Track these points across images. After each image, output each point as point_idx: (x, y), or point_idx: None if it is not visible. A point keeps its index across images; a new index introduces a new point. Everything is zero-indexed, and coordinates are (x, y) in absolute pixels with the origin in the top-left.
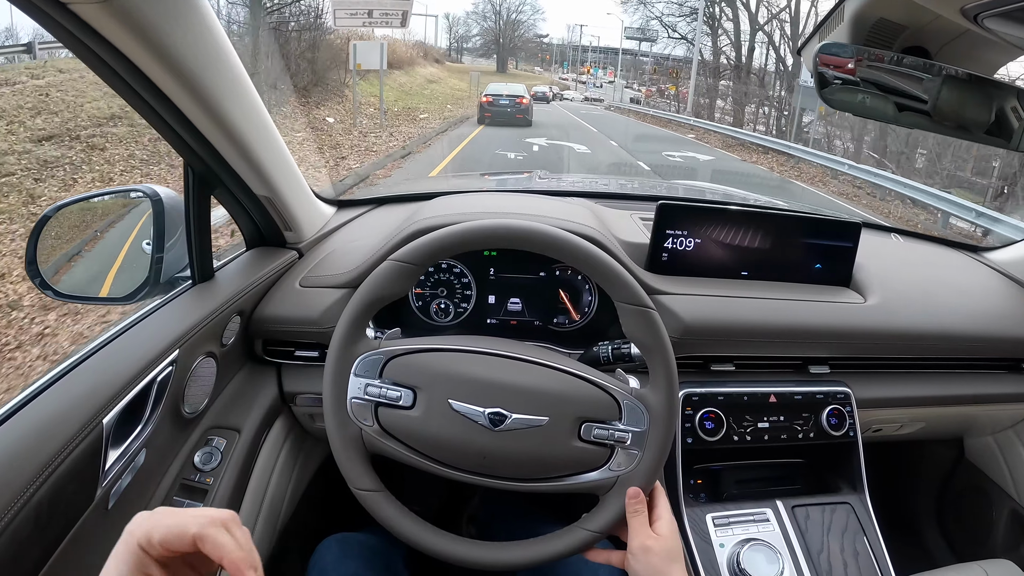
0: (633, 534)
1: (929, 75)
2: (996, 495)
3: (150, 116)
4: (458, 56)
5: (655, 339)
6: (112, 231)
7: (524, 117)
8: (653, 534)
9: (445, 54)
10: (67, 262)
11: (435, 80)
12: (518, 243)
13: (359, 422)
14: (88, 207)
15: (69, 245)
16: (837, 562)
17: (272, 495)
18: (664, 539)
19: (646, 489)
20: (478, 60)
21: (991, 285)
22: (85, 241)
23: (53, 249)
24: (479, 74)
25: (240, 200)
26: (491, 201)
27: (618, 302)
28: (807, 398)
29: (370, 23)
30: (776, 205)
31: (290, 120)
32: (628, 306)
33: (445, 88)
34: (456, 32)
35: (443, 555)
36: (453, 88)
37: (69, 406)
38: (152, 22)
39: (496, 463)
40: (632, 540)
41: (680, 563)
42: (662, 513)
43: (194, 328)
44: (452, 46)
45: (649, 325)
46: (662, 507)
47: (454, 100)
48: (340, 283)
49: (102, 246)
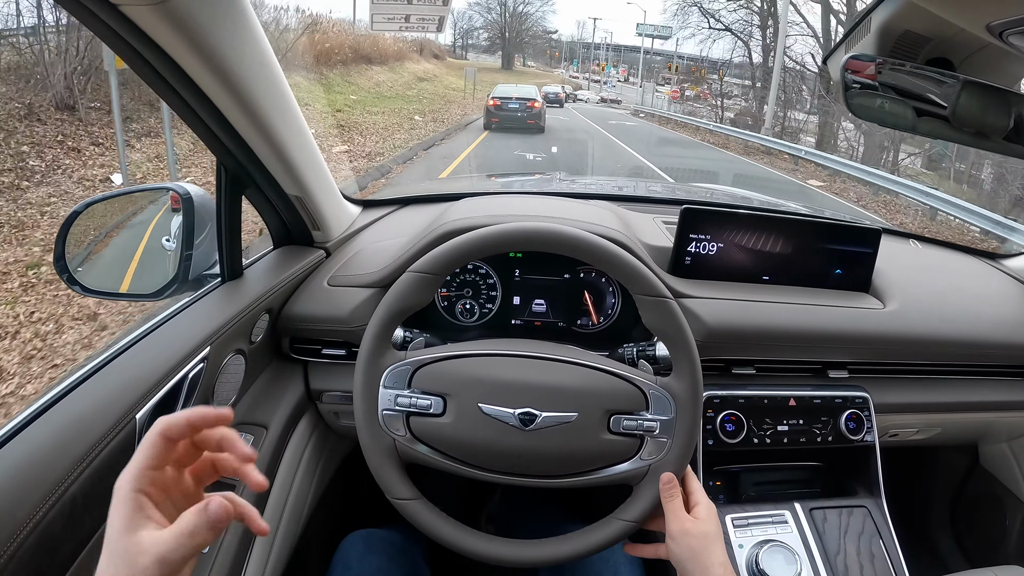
0: (671, 518)
1: (948, 81)
2: (1010, 502)
3: (188, 116)
4: (463, 53)
5: (675, 328)
6: (131, 227)
7: (536, 123)
8: (690, 517)
9: (449, 50)
10: (93, 258)
11: (428, 78)
12: (535, 244)
13: (391, 433)
14: (116, 204)
15: (95, 242)
16: (853, 564)
17: (297, 490)
18: (702, 522)
19: (679, 474)
20: (482, 57)
21: (1009, 292)
22: (105, 236)
23: (82, 245)
24: (475, 70)
25: (271, 199)
26: (517, 203)
27: (636, 295)
28: (826, 402)
29: (406, 28)
30: (797, 210)
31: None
32: (646, 298)
33: (438, 87)
34: (460, 27)
35: (486, 556)
36: (448, 87)
37: (103, 402)
38: (201, 25)
39: (530, 462)
40: (670, 524)
41: (719, 544)
42: (699, 498)
43: (225, 326)
44: (456, 42)
45: (668, 315)
46: (698, 492)
47: (446, 102)
48: (368, 283)
49: (122, 242)
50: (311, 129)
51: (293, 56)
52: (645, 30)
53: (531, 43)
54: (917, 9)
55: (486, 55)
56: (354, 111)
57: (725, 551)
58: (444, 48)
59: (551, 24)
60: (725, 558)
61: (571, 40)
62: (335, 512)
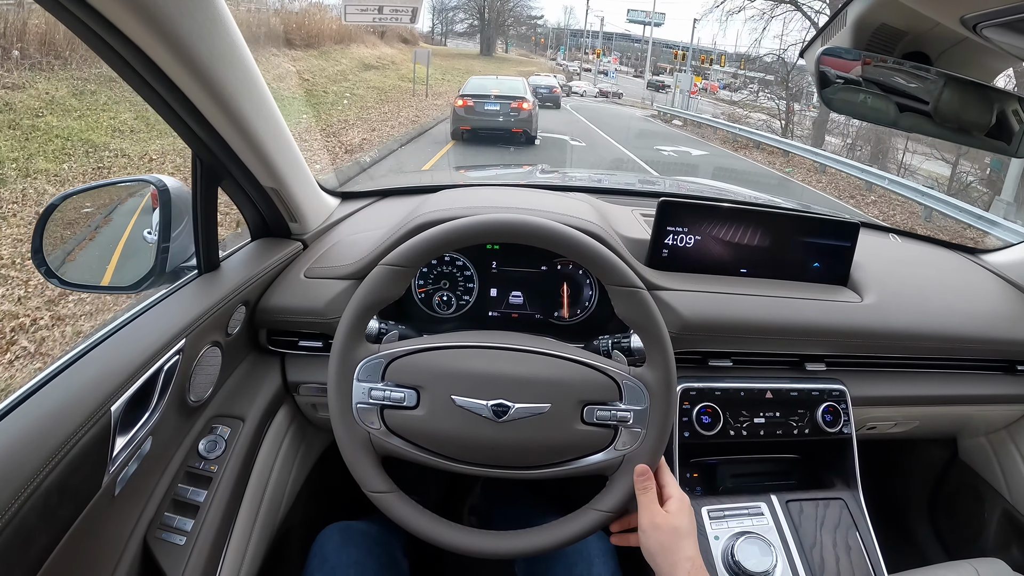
0: (643, 511)
1: (932, 77)
2: (988, 495)
3: (161, 108)
4: (442, 39)
5: (647, 318)
6: (113, 220)
7: (525, 131)
8: (662, 511)
9: (427, 36)
10: (72, 251)
11: (379, 65)
12: (505, 236)
13: (366, 426)
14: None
15: (75, 234)
16: (829, 556)
17: (275, 483)
18: (673, 516)
19: (653, 465)
20: (461, 43)
21: (987, 287)
22: (89, 230)
23: (59, 238)
24: (429, 52)
25: (247, 191)
26: (494, 195)
27: (608, 285)
28: (803, 395)
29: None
30: (776, 203)
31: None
32: (618, 288)
33: (389, 78)
34: (440, 13)
35: (462, 548)
36: (405, 78)
37: (78, 394)
38: (167, 14)
39: (504, 454)
40: (642, 517)
41: (690, 539)
42: (672, 491)
43: (200, 318)
44: (435, 28)
45: (640, 305)
46: (671, 485)
47: (382, 101)
48: (344, 274)
49: (104, 235)
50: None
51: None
52: (636, 16)
53: (514, 27)
54: (892, 3)
55: (467, 41)
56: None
57: (696, 546)
58: (419, 34)
59: (536, 9)
60: (694, 552)
61: (558, 27)
62: (314, 504)
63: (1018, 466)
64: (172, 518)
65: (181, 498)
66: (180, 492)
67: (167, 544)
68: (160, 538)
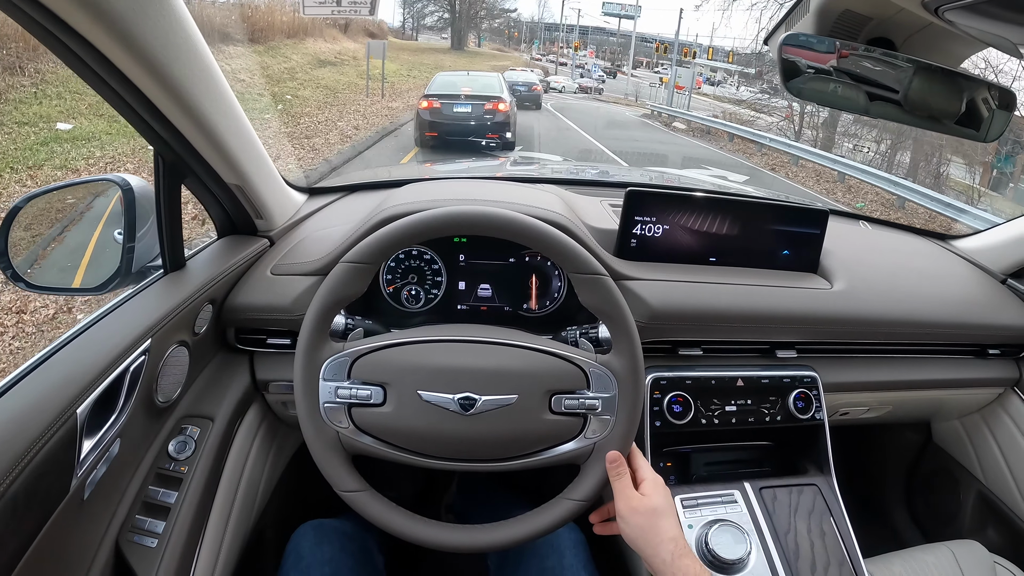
0: (618, 498)
1: (902, 65)
2: (963, 478)
3: (120, 106)
4: (414, 34)
5: (611, 305)
6: (82, 220)
7: (502, 136)
8: (637, 494)
9: (397, 31)
10: (39, 253)
11: (335, 61)
12: (465, 228)
13: (334, 425)
14: (60, 197)
15: (40, 236)
16: (804, 542)
17: (247, 482)
18: (649, 497)
19: (624, 451)
20: (434, 37)
21: (958, 272)
22: (56, 231)
23: (24, 240)
24: (384, 44)
25: (211, 188)
26: (461, 188)
27: (570, 273)
28: (774, 382)
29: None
30: (745, 192)
31: None
32: (580, 276)
33: (347, 76)
34: (411, 6)
35: (437, 544)
36: (364, 75)
37: (43, 397)
38: (120, 12)
39: (473, 447)
40: (618, 504)
41: (669, 518)
42: (645, 474)
43: (166, 317)
44: (406, 22)
45: (603, 291)
46: (643, 468)
47: (328, 104)
48: (311, 271)
49: (72, 236)
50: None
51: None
52: (612, 8)
53: (487, 20)
54: None
55: (439, 36)
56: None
57: (677, 525)
58: (389, 28)
59: (509, 1)
60: (676, 532)
61: (532, 20)
62: (289, 503)
63: (992, 449)
64: (143, 520)
65: (152, 500)
66: (151, 494)
67: (139, 547)
68: (132, 541)
